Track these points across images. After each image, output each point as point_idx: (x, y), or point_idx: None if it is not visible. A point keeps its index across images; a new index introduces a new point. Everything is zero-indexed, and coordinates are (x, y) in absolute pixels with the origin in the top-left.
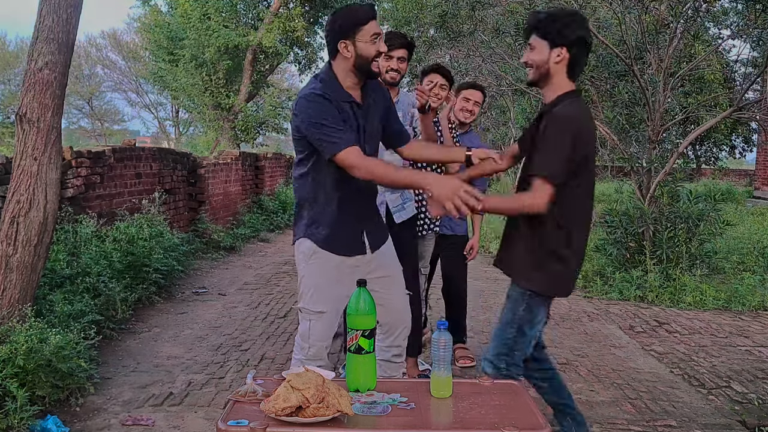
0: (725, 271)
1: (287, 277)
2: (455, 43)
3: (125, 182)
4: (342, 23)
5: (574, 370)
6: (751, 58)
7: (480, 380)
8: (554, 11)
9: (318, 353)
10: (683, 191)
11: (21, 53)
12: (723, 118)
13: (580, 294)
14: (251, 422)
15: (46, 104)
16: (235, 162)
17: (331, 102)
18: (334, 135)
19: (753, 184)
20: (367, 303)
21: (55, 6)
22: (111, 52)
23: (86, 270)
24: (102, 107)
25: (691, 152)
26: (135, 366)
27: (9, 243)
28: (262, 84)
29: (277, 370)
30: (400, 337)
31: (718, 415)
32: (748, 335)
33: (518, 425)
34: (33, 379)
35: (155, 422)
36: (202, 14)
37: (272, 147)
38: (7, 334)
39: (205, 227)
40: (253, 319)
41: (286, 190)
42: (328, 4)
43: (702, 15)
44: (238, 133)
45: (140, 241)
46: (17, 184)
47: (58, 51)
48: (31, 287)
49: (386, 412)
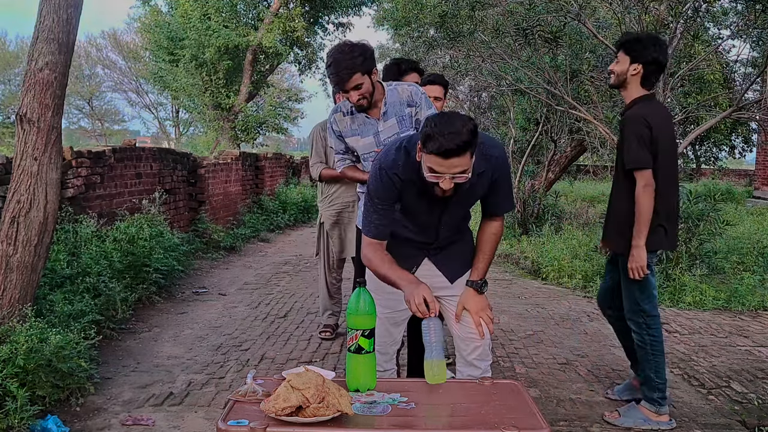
0: (725, 271)
1: (287, 277)
2: (455, 43)
3: (125, 182)
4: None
5: (574, 370)
6: (750, 58)
7: (480, 380)
8: (641, 34)
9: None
10: (683, 191)
11: (21, 53)
12: (723, 118)
13: (580, 294)
14: (251, 422)
15: (46, 104)
16: (235, 162)
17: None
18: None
19: (753, 184)
20: (367, 303)
21: (56, 6)
22: (111, 52)
23: (86, 270)
24: (102, 107)
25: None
26: (135, 366)
27: (9, 243)
28: (262, 84)
29: (277, 370)
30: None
31: (718, 414)
32: (748, 335)
33: (518, 425)
34: (33, 379)
35: (155, 422)
36: (202, 14)
37: (272, 147)
38: (8, 334)
39: (205, 227)
40: (253, 319)
41: (286, 190)
42: (328, 4)
43: (702, 15)
44: (238, 133)
45: (140, 241)
46: (17, 184)
47: (59, 51)
48: (32, 287)
49: (386, 412)
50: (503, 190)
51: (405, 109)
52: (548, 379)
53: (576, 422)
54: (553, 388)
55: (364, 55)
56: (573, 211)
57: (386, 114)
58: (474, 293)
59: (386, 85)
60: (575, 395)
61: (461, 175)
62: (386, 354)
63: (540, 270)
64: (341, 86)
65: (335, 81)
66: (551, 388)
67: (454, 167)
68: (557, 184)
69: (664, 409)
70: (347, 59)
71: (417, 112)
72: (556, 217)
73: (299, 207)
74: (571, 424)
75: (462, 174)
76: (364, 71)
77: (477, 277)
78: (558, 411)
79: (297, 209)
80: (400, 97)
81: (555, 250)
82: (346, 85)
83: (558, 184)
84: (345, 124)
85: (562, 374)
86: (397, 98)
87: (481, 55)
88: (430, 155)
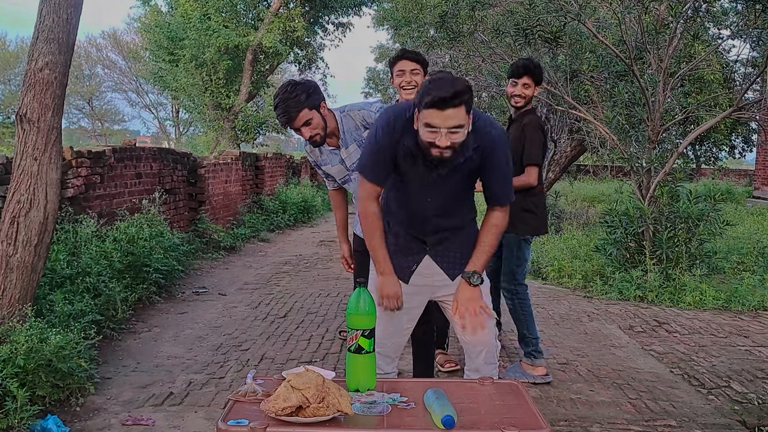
0: (725, 271)
1: (287, 277)
2: (455, 43)
3: (125, 182)
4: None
5: (574, 370)
6: (751, 58)
7: (480, 380)
8: (534, 60)
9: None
10: (683, 191)
11: (21, 53)
12: (723, 118)
13: (580, 294)
14: (251, 422)
15: (46, 104)
16: (235, 162)
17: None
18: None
19: (753, 184)
20: (367, 303)
21: (55, 6)
22: (111, 52)
23: (86, 270)
24: (102, 107)
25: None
26: (135, 366)
27: (9, 243)
28: (262, 84)
29: (277, 370)
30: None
31: (718, 415)
32: (748, 335)
33: (518, 425)
34: (33, 379)
35: (155, 422)
36: (202, 14)
37: (272, 147)
38: (8, 334)
39: (205, 227)
40: (253, 319)
41: (286, 190)
42: (328, 4)
43: (702, 15)
44: (238, 133)
45: (140, 241)
46: (17, 184)
47: (59, 51)
48: (32, 287)
49: (386, 412)
50: (498, 172)
51: (363, 133)
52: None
53: (576, 422)
54: (554, 388)
55: (307, 91)
56: (573, 211)
57: (345, 141)
58: (465, 284)
59: (338, 113)
60: (575, 395)
61: (457, 131)
62: (388, 357)
63: (540, 270)
64: (291, 125)
65: (285, 120)
66: (551, 388)
67: (450, 120)
68: (557, 184)
69: (539, 361)
70: (292, 98)
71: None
72: (556, 217)
73: (299, 207)
74: (571, 424)
75: (458, 129)
76: (311, 107)
77: (471, 268)
78: (558, 411)
79: (297, 209)
80: (354, 122)
81: (555, 250)
82: (295, 123)
83: (558, 184)
84: (315, 154)
85: (562, 374)
86: (352, 124)
87: (481, 55)
88: (427, 110)
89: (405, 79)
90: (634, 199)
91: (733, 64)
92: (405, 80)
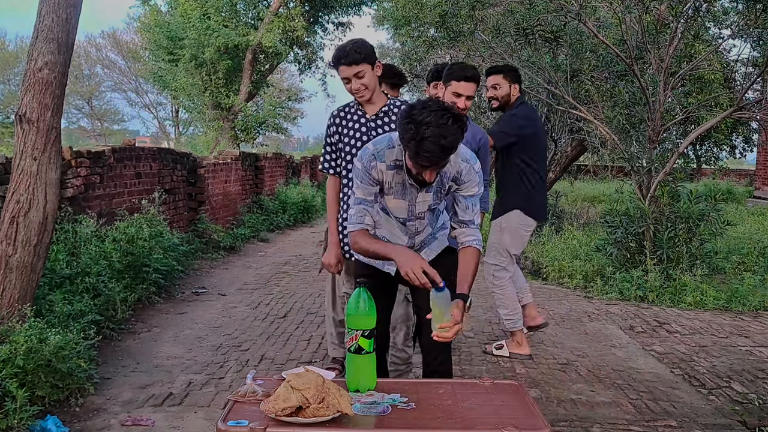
0: (725, 271)
1: (287, 277)
2: (455, 43)
3: (125, 182)
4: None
5: (575, 370)
6: (751, 58)
7: (480, 380)
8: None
9: None
10: (683, 191)
11: (21, 53)
12: (723, 118)
13: (580, 294)
14: (251, 422)
15: (45, 104)
16: (235, 162)
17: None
18: None
19: (753, 184)
20: (367, 303)
21: (55, 6)
22: (111, 51)
23: (86, 270)
24: (102, 107)
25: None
26: (135, 366)
27: (9, 243)
28: (262, 84)
29: (277, 370)
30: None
31: (719, 415)
32: (749, 335)
33: (518, 425)
34: (33, 379)
35: (155, 422)
36: (202, 14)
37: (272, 147)
38: (7, 334)
39: (205, 227)
40: (253, 319)
41: (286, 190)
42: (328, 4)
43: (702, 15)
44: (238, 133)
45: (140, 241)
46: (17, 184)
47: (58, 51)
48: (31, 287)
49: (386, 412)
50: (467, 193)
51: (447, 183)
52: (549, 380)
53: (576, 422)
54: (554, 388)
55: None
56: (573, 211)
57: (434, 184)
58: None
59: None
60: (576, 395)
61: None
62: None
63: (540, 270)
64: (347, 59)
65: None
66: (552, 388)
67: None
68: (558, 184)
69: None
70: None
71: (459, 188)
72: (557, 217)
73: (299, 207)
74: (572, 425)
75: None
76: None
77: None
78: (558, 411)
79: (297, 209)
80: (450, 168)
81: (555, 251)
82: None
83: (558, 184)
84: (386, 175)
85: (562, 374)
86: (448, 169)
87: (481, 55)
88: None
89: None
90: (635, 199)
91: (733, 63)
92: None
